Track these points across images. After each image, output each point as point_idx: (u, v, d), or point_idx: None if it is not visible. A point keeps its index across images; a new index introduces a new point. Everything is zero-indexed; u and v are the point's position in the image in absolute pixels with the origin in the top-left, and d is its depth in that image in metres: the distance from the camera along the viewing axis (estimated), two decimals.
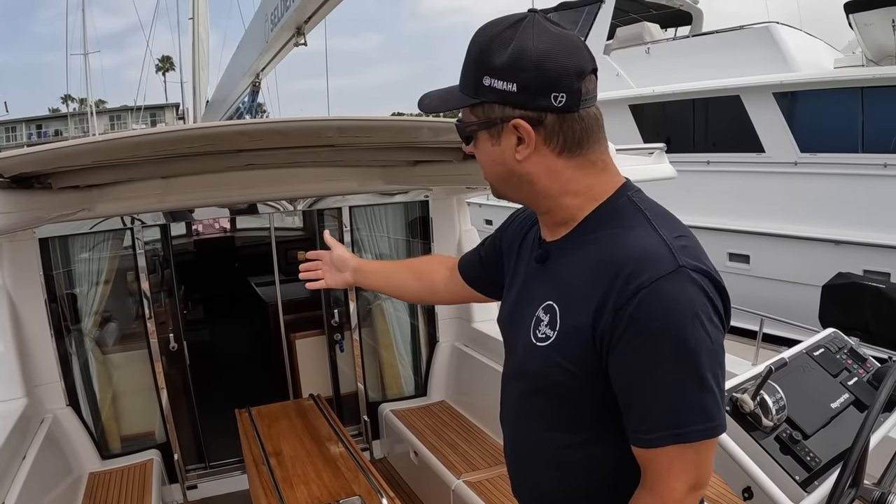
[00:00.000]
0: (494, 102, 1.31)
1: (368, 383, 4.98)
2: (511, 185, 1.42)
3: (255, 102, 6.53)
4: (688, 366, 1.22)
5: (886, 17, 8.56)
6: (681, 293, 1.23)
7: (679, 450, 1.25)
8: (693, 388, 1.23)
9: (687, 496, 1.29)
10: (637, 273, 1.23)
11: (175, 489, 4.33)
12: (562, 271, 1.42)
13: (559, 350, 1.36)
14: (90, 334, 4.12)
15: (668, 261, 1.24)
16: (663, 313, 1.22)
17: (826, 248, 9.29)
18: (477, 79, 1.31)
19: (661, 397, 1.25)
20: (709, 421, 1.25)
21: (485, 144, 1.38)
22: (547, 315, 1.40)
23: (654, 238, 1.29)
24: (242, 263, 8.01)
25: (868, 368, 2.21)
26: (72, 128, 60.01)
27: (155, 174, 3.61)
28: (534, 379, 1.47)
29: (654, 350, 1.23)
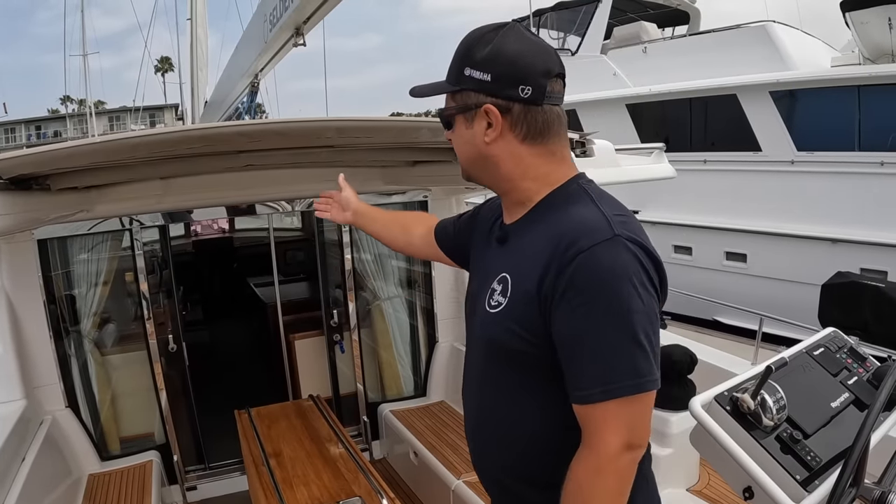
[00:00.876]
0: (471, 90, 1.51)
1: (368, 384, 4.98)
2: (479, 167, 1.61)
3: (254, 103, 6.52)
4: (620, 325, 1.34)
5: (883, 15, 8.57)
6: (615, 259, 1.36)
7: (612, 405, 1.35)
8: (625, 345, 1.35)
9: (623, 452, 1.37)
10: (576, 240, 1.38)
11: (175, 490, 4.33)
12: (516, 248, 1.57)
13: (510, 315, 1.50)
14: (89, 336, 4.11)
15: (605, 230, 1.38)
16: (598, 276, 1.35)
17: (823, 247, 9.31)
18: (459, 70, 1.52)
19: (594, 354, 1.36)
20: (639, 377, 1.35)
21: (460, 128, 1.58)
22: (500, 285, 1.55)
23: (594, 212, 1.44)
24: (241, 264, 8.00)
25: (868, 368, 2.21)
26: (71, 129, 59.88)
27: (154, 175, 3.61)
28: (490, 346, 1.60)
29: (590, 310, 1.35)
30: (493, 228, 1.73)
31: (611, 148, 3.30)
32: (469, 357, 1.76)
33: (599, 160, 3.23)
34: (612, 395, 1.35)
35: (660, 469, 3.15)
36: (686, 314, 10.37)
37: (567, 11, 14.34)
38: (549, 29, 14.88)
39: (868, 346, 2.43)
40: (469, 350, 1.76)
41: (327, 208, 2.50)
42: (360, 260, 4.89)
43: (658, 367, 1.42)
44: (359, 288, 4.93)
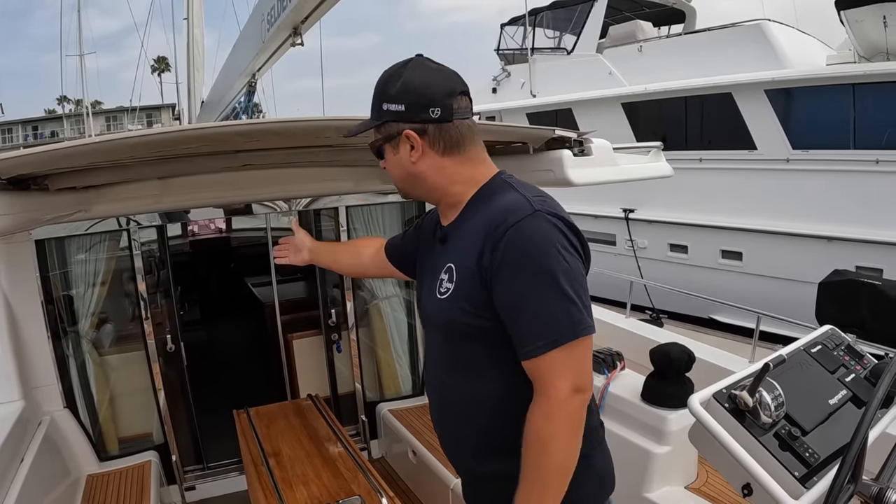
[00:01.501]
0: (391, 121, 1.73)
1: (366, 383, 4.98)
2: (411, 184, 1.82)
3: (252, 103, 6.51)
4: (550, 283, 1.56)
5: (877, 13, 8.59)
6: (537, 229, 1.59)
7: (556, 354, 1.56)
8: (558, 300, 1.56)
9: (572, 396, 1.57)
10: (504, 220, 1.61)
11: (173, 490, 4.33)
12: (455, 241, 1.80)
13: (459, 295, 1.71)
14: (87, 336, 4.11)
15: (526, 208, 1.62)
16: (526, 245, 1.58)
17: (818, 245, 9.34)
18: (379, 106, 1.75)
19: (535, 313, 1.57)
20: (575, 324, 1.57)
21: (389, 154, 1.80)
22: (446, 275, 1.77)
23: (516, 196, 1.68)
24: (239, 264, 8.00)
25: (865, 365, 2.22)
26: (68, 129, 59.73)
27: (151, 175, 3.61)
28: (445, 328, 1.81)
29: (523, 276, 1.58)
30: (435, 232, 1.94)
31: (608, 147, 3.31)
32: (427, 350, 2.02)
33: (597, 159, 3.23)
34: (556, 345, 1.55)
35: (657, 467, 3.19)
36: (682, 312, 10.40)
37: (563, 10, 14.36)
38: (545, 28, 14.91)
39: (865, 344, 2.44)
40: (427, 344, 2.01)
41: (285, 253, 2.65)
42: None
43: (591, 316, 1.62)
44: (356, 287, 4.93)
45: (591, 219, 12.43)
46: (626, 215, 11.98)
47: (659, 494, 3.19)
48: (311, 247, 2.58)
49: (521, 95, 14.46)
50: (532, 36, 14.78)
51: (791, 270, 9.55)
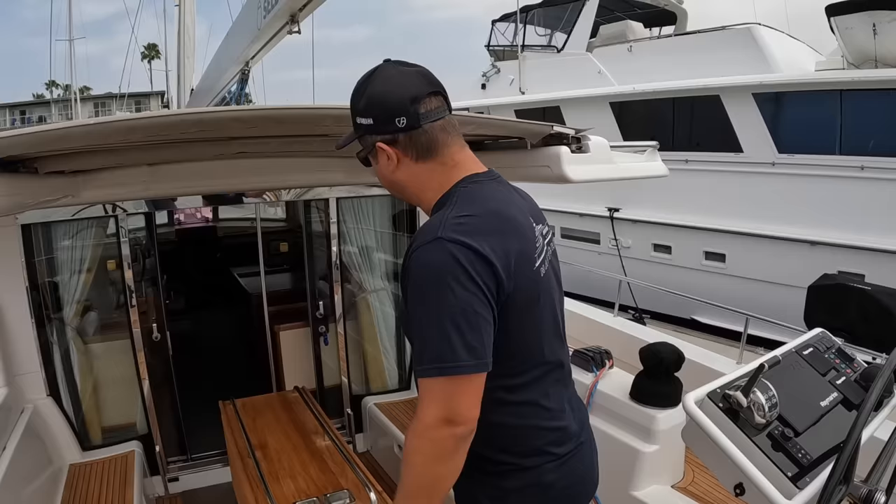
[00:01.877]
0: (365, 133, 1.76)
1: (352, 376, 4.96)
2: (395, 191, 1.87)
3: (244, 91, 6.45)
4: (430, 316, 1.56)
5: (867, 21, 8.64)
6: (432, 258, 1.57)
7: (426, 383, 1.58)
8: (432, 334, 1.55)
9: (438, 426, 1.55)
10: (412, 243, 1.64)
11: (156, 481, 4.30)
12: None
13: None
14: (72, 323, 4.07)
15: (432, 232, 1.60)
16: (418, 274, 1.59)
17: (802, 249, 9.40)
18: (354, 119, 1.77)
19: (414, 339, 1.61)
20: (441, 362, 1.54)
21: (373, 164, 1.83)
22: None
23: (439, 216, 1.67)
24: (225, 254, 7.95)
25: (855, 368, 2.24)
26: (55, 114, 59.07)
27: (142, 161, 3.57)
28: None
29: (412, 303, 1.60)
30: None
31: (606, 144, 3.32)
32: None
33: (594, 157, 3.23)
34: (421, 375, 1.58)
35: (645, 465, 3.20)
36: (664, 312, 10.45)
37: (554, 8, 14.36)
38: (536, 25, 14.91)
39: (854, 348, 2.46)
40: None
41: None
42: (346, 252, 4.88)
43: (481, 354, 1.57)
44: (345, 280, 4.91)
45: (577, 217, 12.47)
46: (611, 214, 12.01)
47: (646, 493, 3.21)
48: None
49: (510, 92, 14.45)
50: (523, 33, 14.79)
51: (774, 273, 9.62)
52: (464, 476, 1.67)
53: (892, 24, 8.55)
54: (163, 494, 4.33)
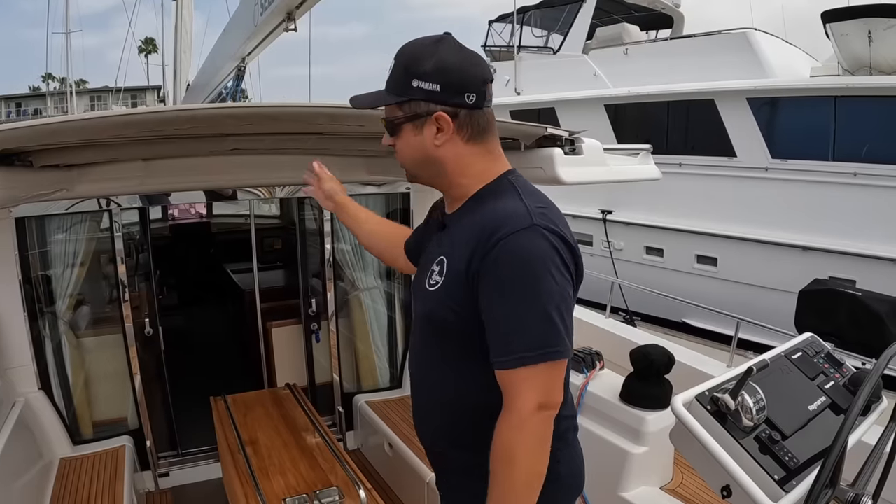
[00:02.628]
0: (420, 99, 1.66)
1: (344, 374, 4.97)
2: (425, 168, 1.77)
3: (239, 88, 6.45)
4: (532, 302, 1.54)
5: (863, 27, 8.68)
6: (530, 244, 1.56)
7: (523, 372, 1.55)
8: (535, 320, 1.54)
9: (535, 413, 1.55)
10: (499, 228, 1.58)
11: (147, 476, 4.30)
12: (453, 234, 1.76)
13: (445, 292, 1.70)
14: (64, 317, 4.06)
15: (524, 219, 1.58)
16: (515, 259, 1.55)
17: (794, 254, 9.43)
18: (406, 81, 1.66)
19: (509, 327, 1.56)
20: (546, 347, 1.54)
21: (408, 135, 1.72)
22: (438, 266, 1.74)
23: (517, 203, 1.64)
24: (219, 250, 7.94)
25: (844, 373, 2.26)
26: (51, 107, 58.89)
27: (137, 156, 3.57)
28: (427, 321, 1.81)
29: (507, 289, 1.55)
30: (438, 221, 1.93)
31: (599, 147, 3.33)
32: (413, 335, 1.99)
33: (588, 158, 3.24)
34: (523, 363, 1.54)
35: (634, 467, 3.22)
36: (655, 315, 10.48)
37: (551, 10, 14.39)
38: (533, 27, 14.93)
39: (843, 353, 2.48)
40: (413, 328, 1.98)
41: (313, 188, 2.49)
42: (339, 250, 4.88)
43: (570, 341, 1.62)
44: (338, 278, 4.92)
45: (569, 218, 12.29)
46: (604, 216, 12.03)
47: (634, 494, 3.22)
48: (341, 201, 2.42)
49: (506, 93, 14.47)
50: (520, 34, 14.80)
51: (765, 278, 9.65)
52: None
53: (887, 31, 8.59)
54: (153, 489, 4.33)
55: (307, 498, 3.01)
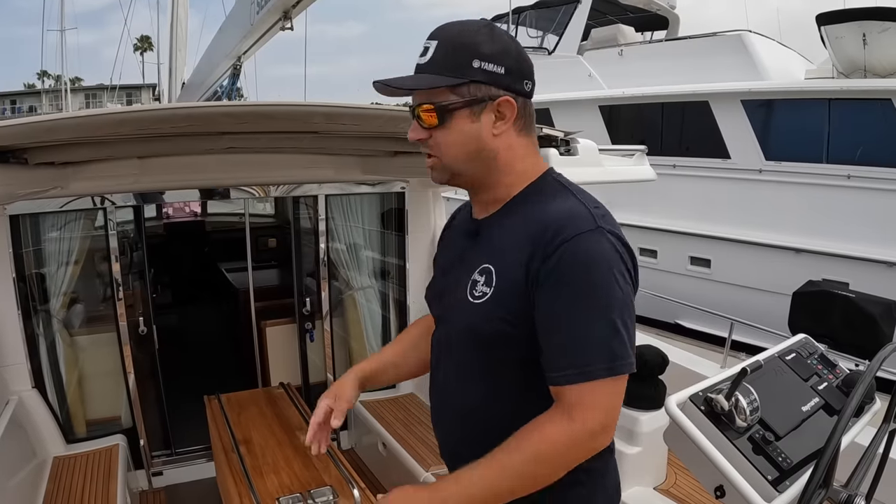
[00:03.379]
0: (482, 82, 1.48)
1: (338, 373, 4.96)
2: (474, 161, 1.56)
3: (235, 86, 6.44)
4: (599, 310, 1.40)
5: (857, 30, 8.70)
6: (597, 248, 1.42)
7: (587, 387, 1.40)
8: (602, 330, 1.40)
9: (597, 435, 1.43)
10: (561, 229, 1.43)
11: (140, 475, 4.29)
12: (494, 239, 1.58)
13: (496, 303, 1.51)
14: (58, 315, 4.06)
15: (588, 221, 1.45)
16: (581, 264, 1.41)
17: (787, 256, 9.45)
18: (466, 62, 1.47)
19: (573, 338, 1.41)
20: (614, 360, 1.39)
21: (462, 122, 1.51)
22: (482, 276, 1.55)
23: (576, 204, 1.51)
24: (213, 249, 7.93)
25: (837, 374, 2.27)
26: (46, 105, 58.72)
27: (132, 154, 3.56)
28: (472, 334, 1.58)
29: (571, 295, 1.41)
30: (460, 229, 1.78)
31: (594, 147, 3.33)
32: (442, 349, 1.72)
33: (583, 159, 3.25)
34: (587, 377, 1.39)
35: (627, 467, 3.22)
36: (648, 316, 10.49)
37: (547, 10, 14.37)
38: (528, 27, 14.92)
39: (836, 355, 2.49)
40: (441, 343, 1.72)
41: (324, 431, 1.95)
42: (334, 249, 4.88)
43: (633, 352, 1.46)
44: (332, 277, 4.91)
45: None
46: None
47: (628, 495, 3.23)
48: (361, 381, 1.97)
49: None
50: (515, 34, 14.79)
51: (758, 280, 9.67)
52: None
53: (881, 34, 8.61)
54: (146, 488, 4.32)
55: (301, 497, 3.01)
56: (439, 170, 1.59)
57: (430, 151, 1.57)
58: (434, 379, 1.77)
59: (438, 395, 1.77)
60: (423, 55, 1.51)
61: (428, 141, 1.56)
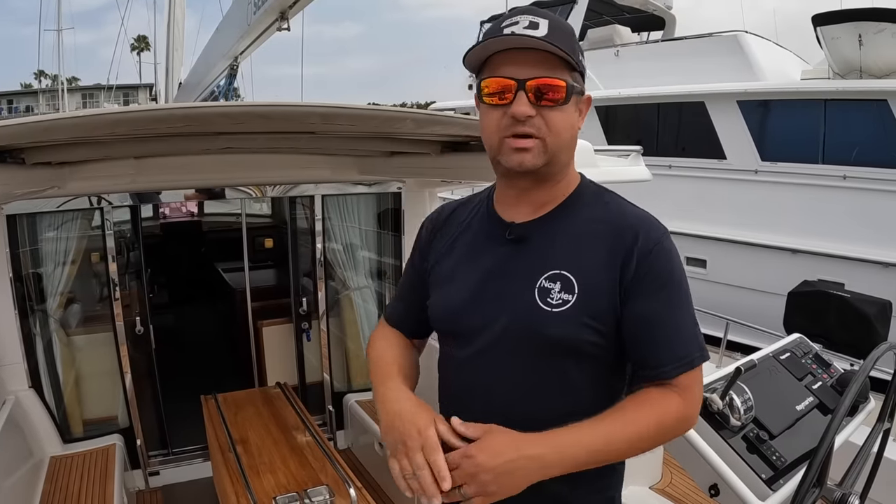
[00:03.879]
0: (582, 75, 1.50)
1: (334, 373, 4.97)
2: (569, 149, 1.54)
3: (232, 86, 6.44)
4: (688, 305, 1.51)
5: (853, 31, 8.70)
6: (675, 249, 1.50)
7: (691, 374, 1.47)
8: (693, 324, 1.50)
9: (697, 413, 1.52)
10: (648, 231, 1.47)
11: (137, 475, 4.29)
12: (557, 244, 1.52)
13: (583, 309, 1.46)
14: (55, 315, 4.06)
15: (660, 224, 1.51)
16: (672, 264, 1.48)
17: (783, 257, 9.45)
18: (577, 50, 1.47)
19: (677, 333, 1.47)
20: (703, 350, 1.49)
21: (571, 109, 1.48)
22: (556, 282, 1.48)
23: (636, 208, 1.57)
24: (210, 249, 7.93)
25: (832, 374, 2.28)
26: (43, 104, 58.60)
27: (129, 154, 3.56)
28: (557, 344, 1.48)
29: (668, 294, 1.47)
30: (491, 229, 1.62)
31: (590, 148, 3.34)
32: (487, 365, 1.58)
33: (578, 160, 3.24)
34: (692, 366, 1.46)
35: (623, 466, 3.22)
36: None
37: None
38: None
39: (831, 354, 2.50)
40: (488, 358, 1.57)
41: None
42: (330, 249, 4.89)
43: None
44: (328, 277, 4.92)
45: None
46: None
47: (624, 494, 3.23)
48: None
49: None
50: None
51: (754, 280, 9.67)
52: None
53: (878, 35, 8.62)
54: (143, 488, 4.32)
55: (297, 496, 3.01)
56: (539, 152, 1.47)
57: (534, 132, 1.45)
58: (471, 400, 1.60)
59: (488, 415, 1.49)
60: (534, 28, 1.42)
61: (533, 119, 1.44)
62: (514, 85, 1.42)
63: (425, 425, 1.43)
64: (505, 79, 1.44)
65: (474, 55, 1.49)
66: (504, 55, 1.45)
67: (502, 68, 1.44)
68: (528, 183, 1.55)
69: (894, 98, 8.44)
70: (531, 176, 1.51)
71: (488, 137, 1.51)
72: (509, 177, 1.56)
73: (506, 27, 1.44)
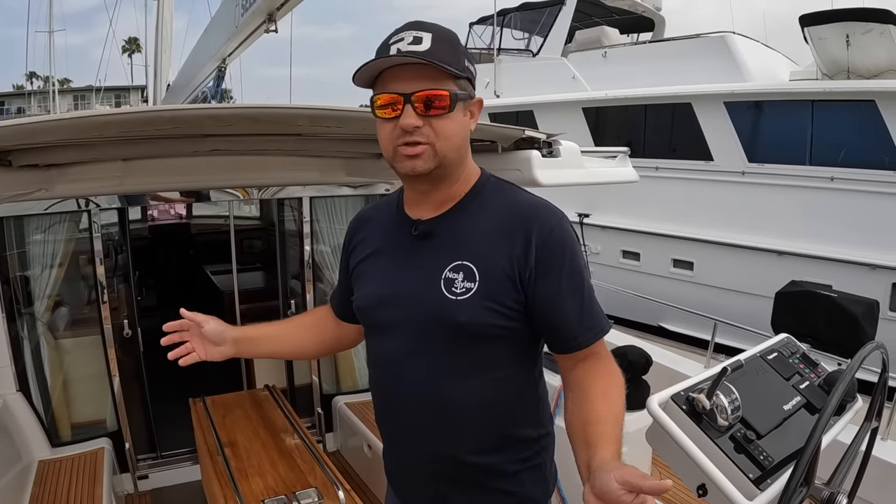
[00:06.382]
0: (469, 80, 1.64)
1: (323, 375, 4.96)
2: (458, 152, 1.66)
3: (220, 88, 6.43)
4: (588, 281, 1.67)
5: (840, 31, 8.72)
6: (572, 230, 1.67)
7: (601, 343, 1.72)
8: (594, 297, 1.69)
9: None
10: (545, 216, 1.63)
11: (126, 479, 4.27)
12: (458, 236, 1.67)
13: (485, 295, 1.60)
14: (42, 318, 4.03)
15: (556, 209, 1.66)
16: (569, 245, 1.63)
17: (770, 258, 9.48)
18: (461, 58, 1.59)
19: (584, 307, 1.65)
20: (608, 319, 1.73)
21: (458, 114, 1.61)
22: (460, 272, 1.62)
23: (532, 196, 1.71)
24: (198, 251, 7.89)
25: (819, 373, 2.28)
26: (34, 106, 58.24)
27: (117, 156, 3.54)
28: (461, 330, 1.62)
29: (571, 272, 1.62)
30: (389, 232, 1.80)
31: (576, 149, 3.34)
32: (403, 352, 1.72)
33: (565, 161, 3.25)
34: (602, 334, 1.69)
35: None
36: (631, 319, 10.49)
37: (531, 12, 14.39)
38: (513, 29, 14.94)
39: (819, 354, 2.51)
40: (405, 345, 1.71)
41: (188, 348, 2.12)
42: (319, 251, 4.88)
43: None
44: (317, 279, 4.91)
45: None
46: (581, 220, 12.03)
47: None
48: (236, 336, 2.14)
49: (485, 95, 14.42)
50: (499, 36, 14.80)
51: (741, 282, 9.68)
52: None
53: (865, 35, 8.64)
54: (132, 492, 4.30)
55: (286, 499, 3.01)
56: (429, 157, 1.59)
57: (422, 139, 1.57)
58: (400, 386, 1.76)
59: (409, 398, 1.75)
60: (417, 44, 1.54)
61: (422, 129, 1.56)
62: (402, 99, 1.55)
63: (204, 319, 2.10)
64: (392, 94, 1.57)
65: (365, 73, 1.60)
66: (391, 71, 1.58)
67: (390, 84, 1.58)
68: (426, 185, 1.68)
69: (882, 98, 8.48)
70: (427, 178, 1.64)
71: (384, 147, 1.65)
72: (408, 181, 1.72)
73: (392, 44, 1.57)
